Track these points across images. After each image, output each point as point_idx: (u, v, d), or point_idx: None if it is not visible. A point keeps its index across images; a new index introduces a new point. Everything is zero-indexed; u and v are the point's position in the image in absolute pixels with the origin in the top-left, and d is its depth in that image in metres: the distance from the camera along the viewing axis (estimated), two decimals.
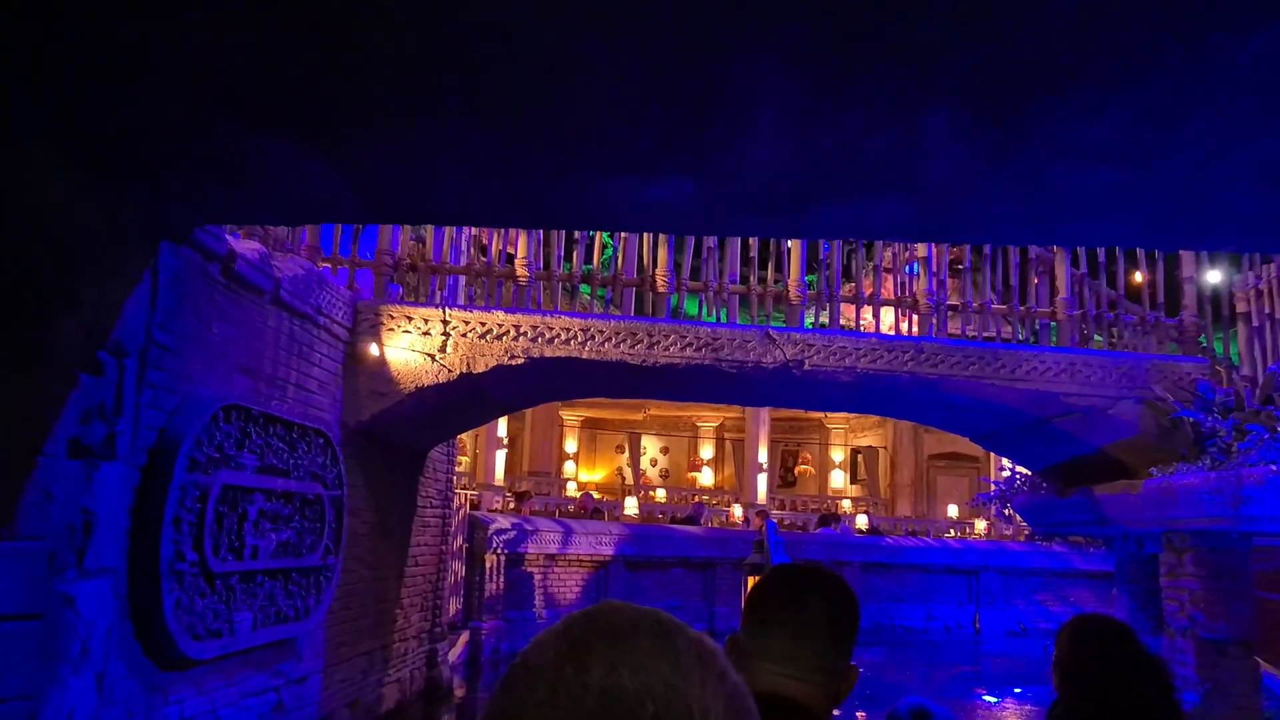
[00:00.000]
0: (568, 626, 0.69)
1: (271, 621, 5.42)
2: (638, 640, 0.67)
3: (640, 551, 14.89)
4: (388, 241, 7.04)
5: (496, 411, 8.39)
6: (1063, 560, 18.86)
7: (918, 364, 7.24)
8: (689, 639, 0.69)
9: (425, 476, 8.98)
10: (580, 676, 0.64)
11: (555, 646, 0.67)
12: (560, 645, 0.67)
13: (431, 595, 9.39)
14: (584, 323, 6.94)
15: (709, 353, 7.03)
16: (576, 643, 0.66)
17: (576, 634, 0.68)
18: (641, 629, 0.68)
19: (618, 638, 0.67)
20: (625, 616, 0.69)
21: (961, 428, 9.12)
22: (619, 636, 0.67)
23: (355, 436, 6.89)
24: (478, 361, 6.85)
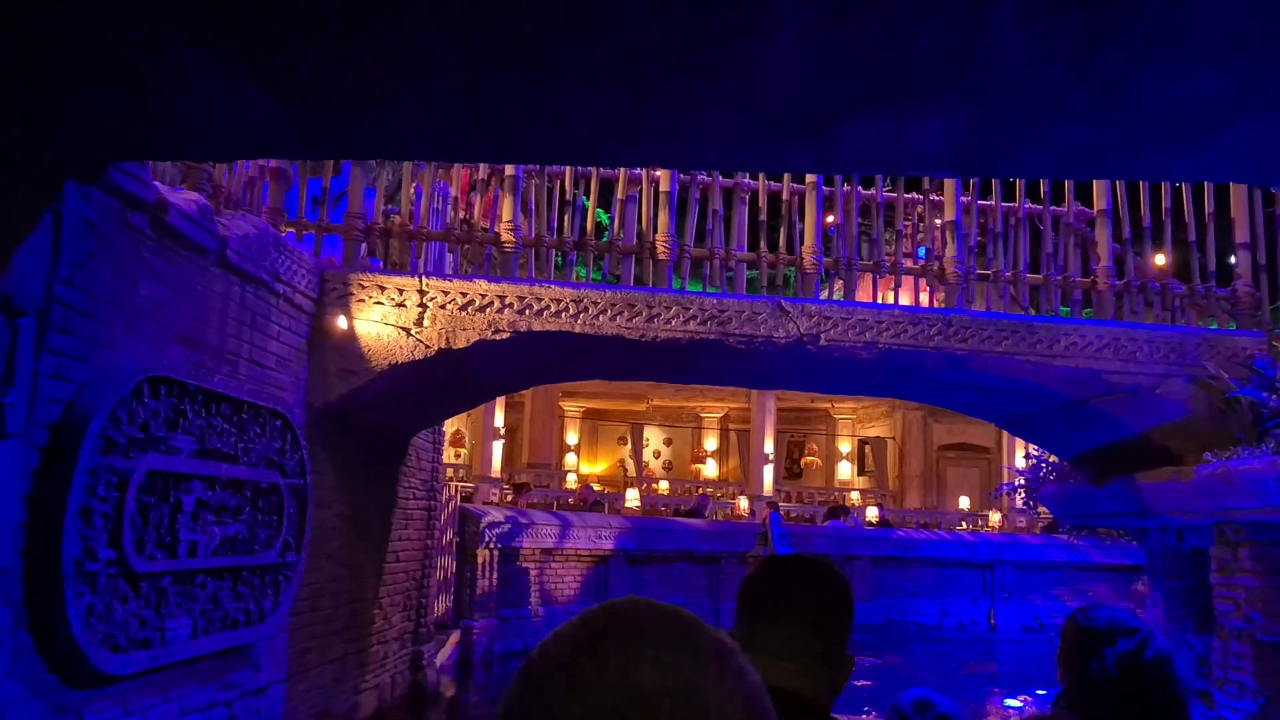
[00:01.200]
0: (587, 620, 0.69)
1: (217, 627, 4.75)
2: (657, 636, 0.68)
3: (642, 545, 14.23)
4: (359, 204, 6.36)
5: (483, 394, 7.71)
6: (1080, 553, 18.15)
7: (945, 338, 6.55)
8: (709, 636, 0.70)
9: (408, 466, 8.31)
10: (598, 671, 0.65)
11: (574, 640, 0.68)
12: (580, 639, 0.68)
13: (416, 593, 8.73)
14: (576, 293, 6.26)
15: (714, 326, 6.35)
16: (596, 637, 0.68)
17: (596, 628, 0.69)
18: (661, 625, 0.69)
19: (637, 633, 0.68)
20: (645, 612, 0.70)
21: (987, 411, 8.43)
22: (638, 632, 0.68)
23: (323, 420, 6.22)
24: (458, 336, 6.17)
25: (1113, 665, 2.29)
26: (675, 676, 0.65)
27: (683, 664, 0.66)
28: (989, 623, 17.94)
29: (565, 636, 0.69)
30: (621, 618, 0.69)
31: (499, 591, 11.80)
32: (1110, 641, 2.30)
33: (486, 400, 8.06)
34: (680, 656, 0.66)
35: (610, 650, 0.66)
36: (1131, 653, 2.27)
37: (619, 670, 0.65)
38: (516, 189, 6.50)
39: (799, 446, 30.24)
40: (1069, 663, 2.38)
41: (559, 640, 0.68)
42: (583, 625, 0.69)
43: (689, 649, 0.67)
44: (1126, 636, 2.30)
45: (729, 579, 15.61)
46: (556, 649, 0.67)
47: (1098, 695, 2.30)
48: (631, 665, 0.65)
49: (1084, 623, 2.39)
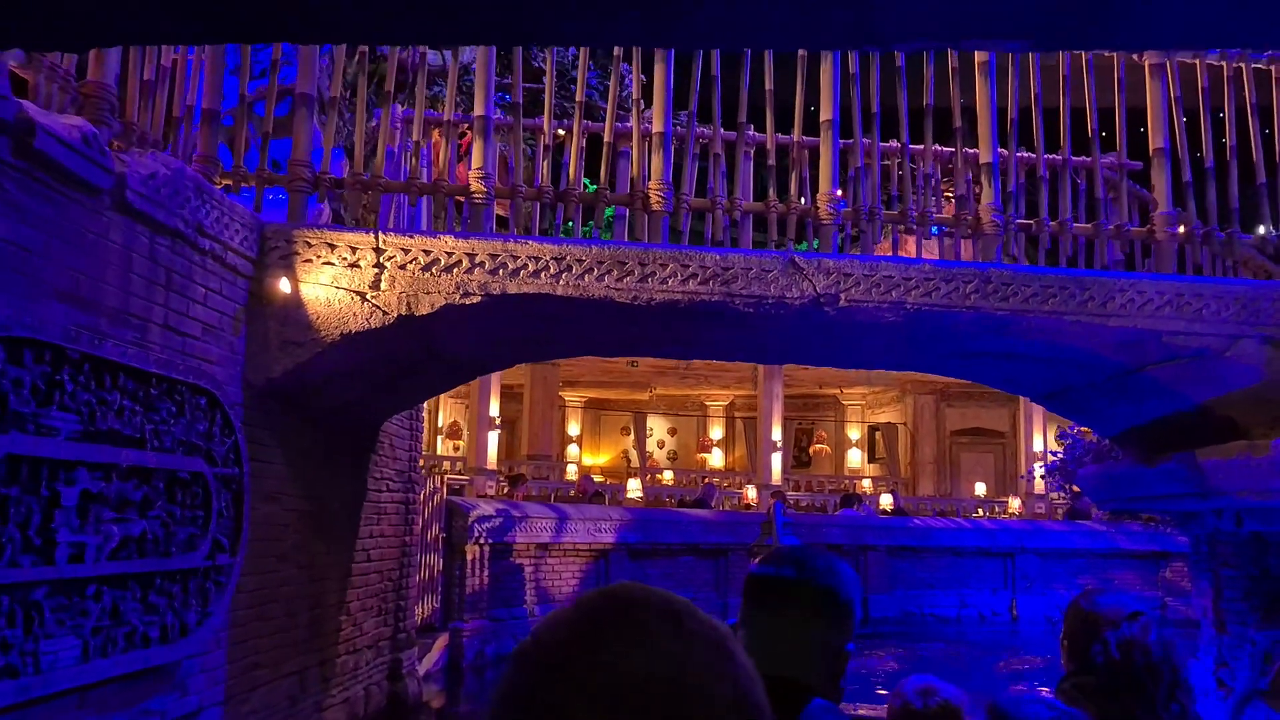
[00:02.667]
0: (580, 606, 0.73)
1: (120, 647, 3.92)
2: (649, 622, 0.71)
3: (645, 538, 13.40)
4: (304, 151, 5.50)
5: (460, 372, 6.87)
6: (1106, 540, 17.35)
7: (983, 297, 5.70)
8: (700, 621, 0.73)
9: (379, 455, 7.48)
10: (592, 656, 0.69)
11: (569, 625, 0.72)
12: (573, 624, 0.72)
13: (393, 596, 7.90)
14: (557, 249, 5.41)
15: (718, 286, 5.50)
16: (589, 622, 0.71)
17: (589, 614, 0.72)
18: (653, 611, 0.72)
19: (630, 619, 0.71)
20: (638, 598, 0.73)
21: (1023, 384, 7.58)
22: (631, 618, 0.71)
23: (267, 400, 5.39)
24: (421, 301, 5.33)
25: (1115, 649, 2.30)
26: (665, 662, 0.68)
27: (674, 650, 0.69)
28: (1011, 614, 17.10)
29: (560, 622, 0.72)
30: (615, 603, 0.72)
31: (491, 590, 10.98)
32: (1113, 625, 2.32)
33: (464, 380, 7.24)
34: (672, 643, 0.69)
35: (604, 635, 0.69)
36: (1134, 636, 2.30)
37: (612, 654, 0.68)
38: (487, 131, 5.65)
39: (807, 434, 29.40)
40: (1072, 647, 2.41)
41: (554, 625, 0.71)
42: (577, 610, 0.72)
43: (680, 635, 0.70)
44: (1129, 620, 2.33)
45: (737, 572, 14.76)
46: (551, 634, 0.71)
47: (1101, 679, 2.30)
48: (625, 650, 0.68)
49: (1087, 607, 2.43)
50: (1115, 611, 2.39)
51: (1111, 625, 2.36)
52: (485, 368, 7.04)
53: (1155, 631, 2.36)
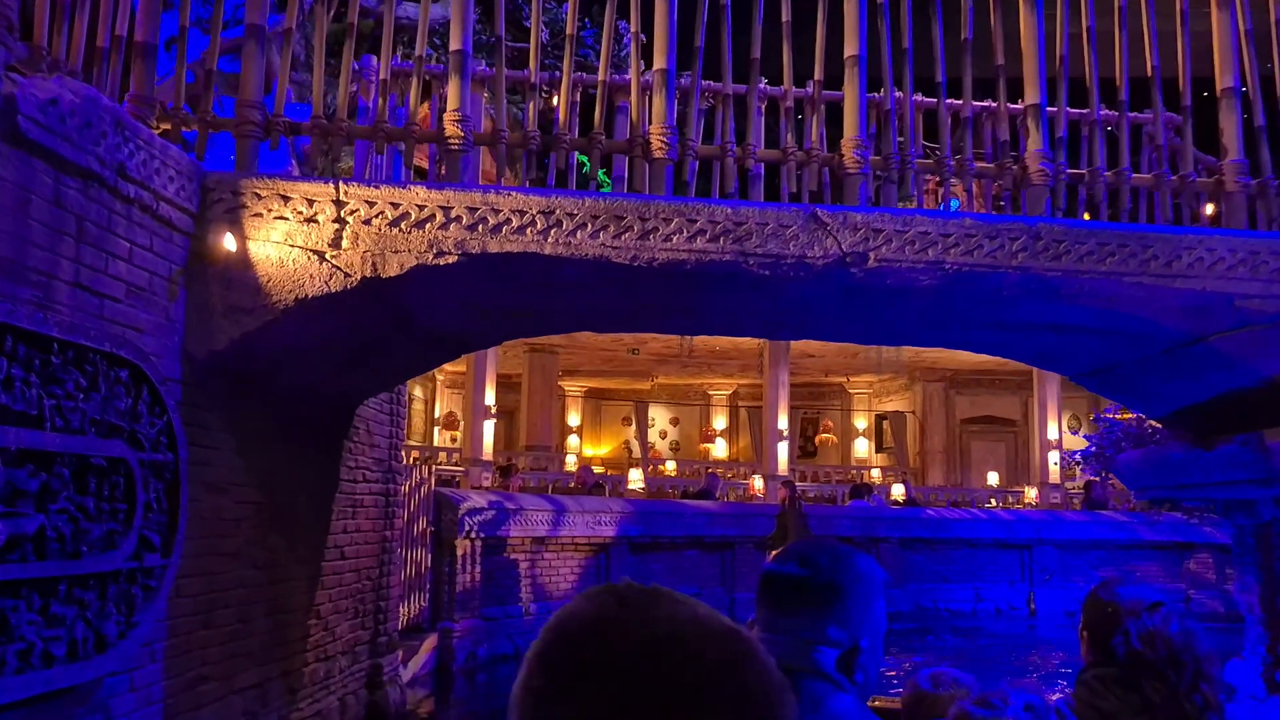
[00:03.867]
0: (589, 594, 0.74)
1: (11, 669, 3.22)
2: (663, 598, 0.73)
3: (647, 531, 12.71)
4: (253, 92, 4.78)
5: (439, 349, 6.16)
6: (1127, 531, 16.67)
7: (1032, 255, 4.99)
8: (710, 610, 0.75)
9: (354, 441, 6.79)
10: (619, 629, 0.69)
11: (600, 599, 0.73)
12: (605, 596, 0.73)
13: (371, 596, 7.22)
14: (545, 202, 4.70)
15: (729, 244, 4.79)
16: (620, 594, 0.73)
17: (604, 599, 0.73)
18: (664, 593, 0.74)
19: (648, 595, 0.73)
20: (646, 586, 0.75)
21: (1064, 360, 6.87)
22: (649, 595, 0.73)
23: (214, 377, 4.69)
24: (388, 261, 4.63)
25: (1137, 639, 2.31)
26: (692, 623, 0.70)
27: (696, 610, 0.72)
28: (1028, 608, 16.42)
29: (591, 595, 0.73)
30: (627, 587, 0.74)
31: (483, 588, 10.30)
32: (1134, 616, 2.35)
33: (447, 358, 6.54)
34: (691, 607, 0.72)
35: (637, 602, 0.71)
36: (1156, 627, 2.32)
37: (639, 623, 0.69)
38: (464, 69, 4.93)
39: (813, 424, 28.72)
40: (1093, 638, 2.42)
41: (572, 616, 0.72)
42: (587, 598, 0.74)
43: (696, 614, 0.72)
44: (1150, 611, 2.36)
45: (744, 566, 14.09)
46: (567, 622, 0.71)
47: (1122, 670, 2.32)
48: (645, 620, 0.70)
49: (1107, 598, 2.42)
50: (1136, 602, 2.38)
51: (1133, 616, 2.35)
52: (469, 344, 6.33)
53: (1177, 622, 2.35)
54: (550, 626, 0.71)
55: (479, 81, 6.67)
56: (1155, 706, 2.28)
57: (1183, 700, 2.27)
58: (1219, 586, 16.65)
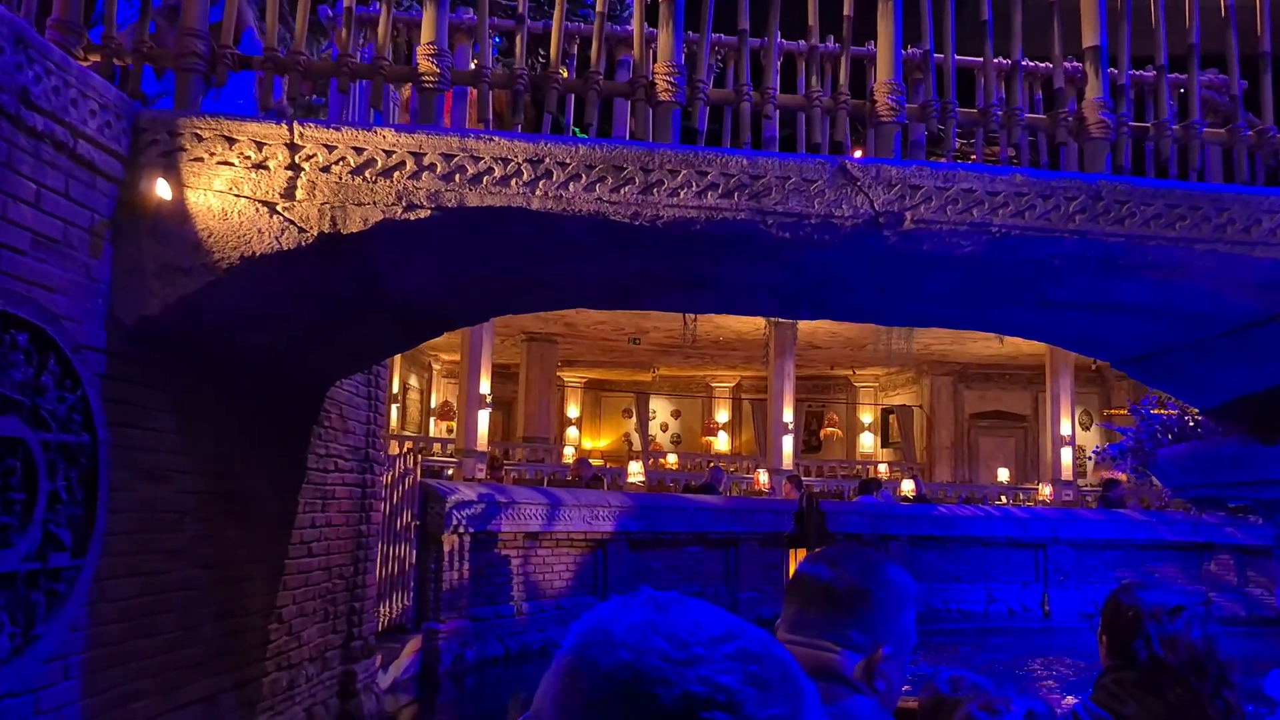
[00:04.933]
0: (614, 600, 0.71)
1: None
2: (687, 599, 0.71)
3: (647, 527, 12.08)
4: (195, 19, 4.14)
5: (415, 323, 5.51)
6: (1146, 530, 16.04)
7: (1091, 218, 4.35)
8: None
9: (326, 427, 6.16)
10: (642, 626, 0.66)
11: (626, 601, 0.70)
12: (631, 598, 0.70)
13: (345, 596, 6.59)
14: (533, 148, 4.06)
15: (745, 200, 4.16)
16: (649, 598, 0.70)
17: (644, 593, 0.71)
18: (674, 597, 0.71)
19: (673, 598, 0.70)
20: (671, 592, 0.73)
21: (1110, 344, 6.23)
22: (673, 597, 0.70)
23: (149, 348, 4.07)
24: (350, 215, 3.99)
25: (1159, 644, 2.28)
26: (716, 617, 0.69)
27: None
28: (1042, 610, 15.78)
29: (620, 600, 0.71)
30: (653, 592, 0.71)
31: (472, 586, 9.67)
32: (1156, 619, 2.30)
33: (426, 335, 5.91)
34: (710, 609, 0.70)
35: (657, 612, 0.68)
36: (1178, 631, 2.28)
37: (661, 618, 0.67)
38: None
39: (817, 417, 28.07)
40: (1112, 642, 2.39)
41: (598, 622, 0.69)
42: (617, 601, 0.71)
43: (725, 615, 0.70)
44: (1172, 615, 2.31)
45: (748, 564, 13.47)
46: (603, 620, 0.68)
47: (1143, 674, 2.28)
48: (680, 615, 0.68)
49: (1127, 601, 2.40)
50: (1158, 606, 2.35)
51: (1154, 619, 2.32)
52: (450, 320, 5.69)
53: (1199, 627, 2.32)
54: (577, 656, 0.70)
55: (464, 31, 6.05)
56: (1177, 712, 2.25)
57: (1205, 706, 2.24)
58: (1240, 589, 16.06)
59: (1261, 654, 12.80)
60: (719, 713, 0.61)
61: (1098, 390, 24.84)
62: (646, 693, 0.61)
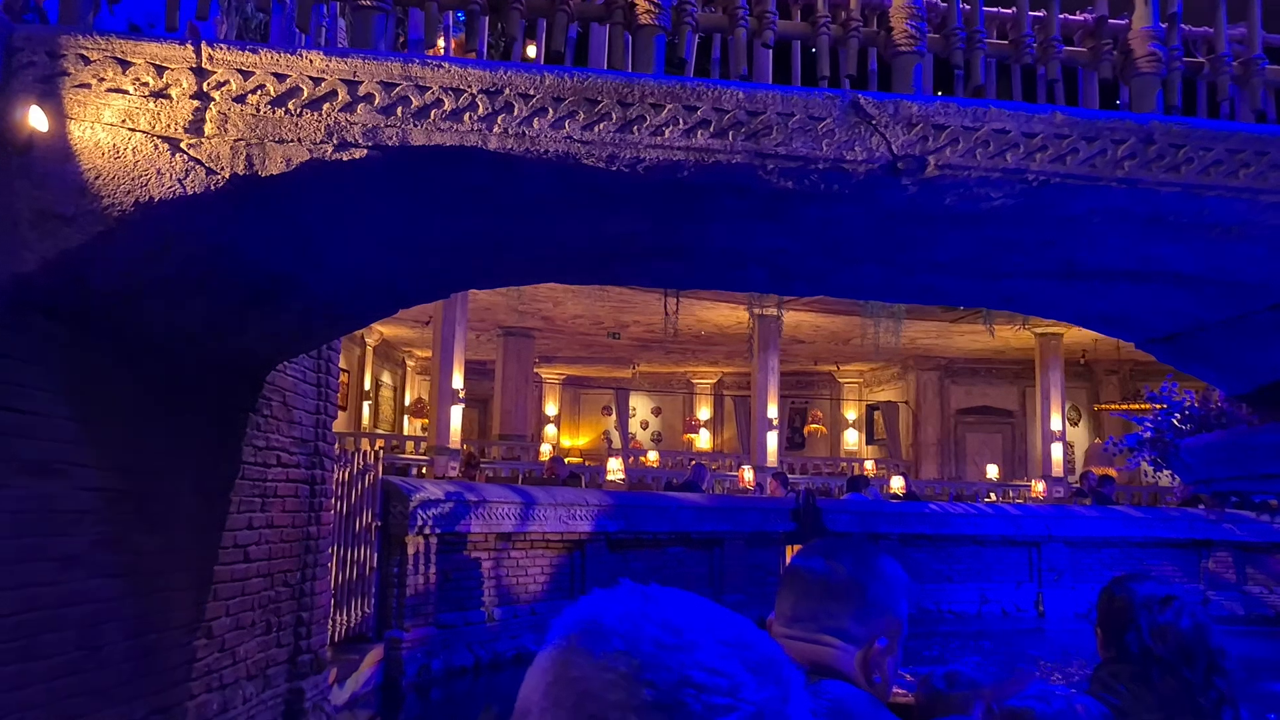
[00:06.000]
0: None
1: None
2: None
3: (627, 526, 11.44)
4: None
5: (361, 299, 4.83)
6: (1142, 527, 15.58)
7: (1142, 165, 3.74)
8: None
9: (266, 416, 5.48)
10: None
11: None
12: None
13: (290, 606, 5.92)
14: (490, 77, 3.41)
15: (741, 140, 3.52)
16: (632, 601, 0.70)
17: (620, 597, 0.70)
18: (657, 588, 0.72)
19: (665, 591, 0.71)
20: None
21: (1137, 322, 5.64)
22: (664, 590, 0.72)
23: (30, 314, 3.40)
24: (270, 154, 3.33)
25: (1149, 634, 2.31)
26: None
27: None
28: (1037, 610, 15.27)
29: (603, 592, 0.71)
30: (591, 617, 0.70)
31: (439, 591, 9.00)
32: (1147, 610, 2.34)
33: (378, 311, 5.25)
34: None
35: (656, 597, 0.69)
36: (1169, 621, 2.31)
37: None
38: None
39: (801, 414, 27.51)
40: (1106, 635, 2.41)
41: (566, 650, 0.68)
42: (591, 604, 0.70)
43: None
44: (1163, 605, 2.35)
45: (733, 565, 12.85)
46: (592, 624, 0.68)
47: (1135, 665, 2.31)
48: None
49: (1120, 593, 2.43)
50: (1149, 596, 2.38)
51: (1145, 609, 2.34)
52: (400, 292, 5.01)
53: (1189, 617, 2.34)
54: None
55: None
56: (1169, 702, 2.26)
57: (1197, 695, 2.26)
58: (1239, 587, 15.63)
59: (1260, 654, 12.36)
60: (719, 697, 0.61)
61: (1086, 385, 24.40)
62: (645, 679, 0.61)
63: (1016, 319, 18.79)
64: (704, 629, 0.65)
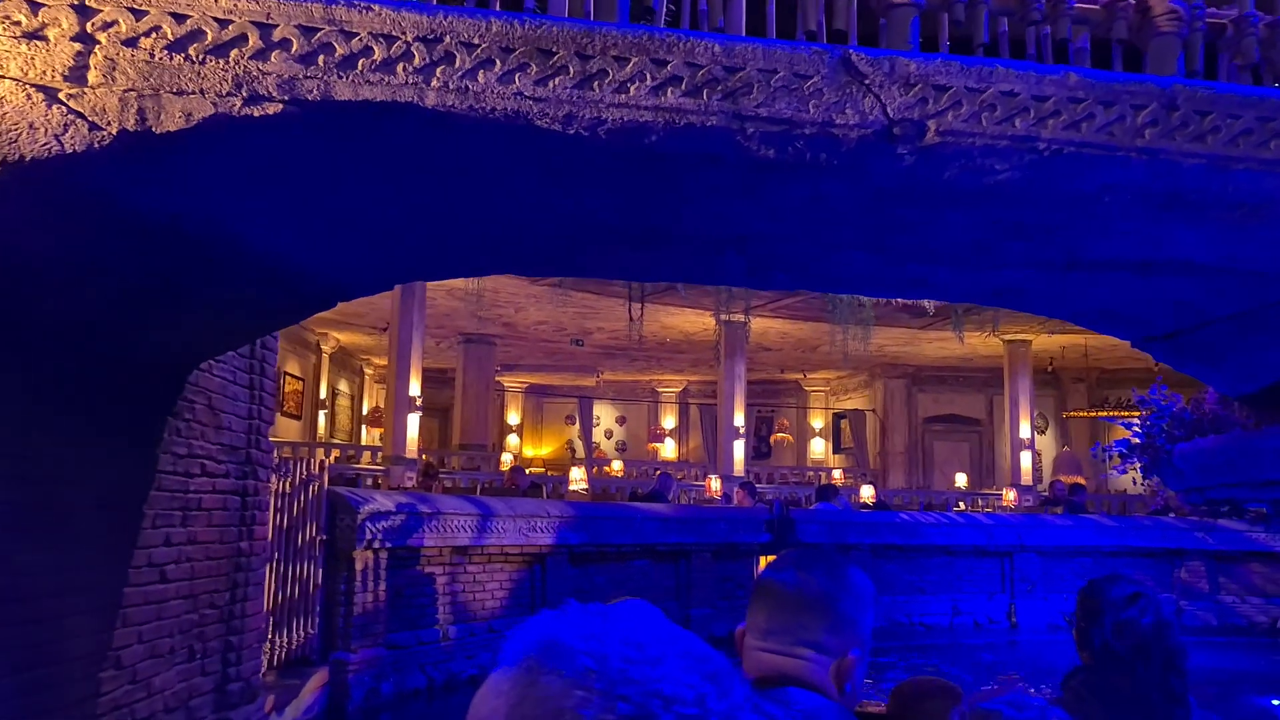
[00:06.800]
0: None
1: None
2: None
3: (590, 539, 10.95)
4: None
5: (289, 289, 4.31)
6: (1114, 536, 15.34)
7: (1165, 133, 3.34)
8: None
9: (188, 420, 4.95)
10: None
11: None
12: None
13: (217, 630, 5.37)
14: (427, 22, 2.94)
15: (718, 100, 3.08)
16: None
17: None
18: (602, 606, 0.75)
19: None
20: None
21: (1137, 318, 5.27)
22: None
23: None
24: (167, 107, 2.83)
25: (1112, 632, 2.35)
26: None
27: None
28: (1009, 621, 14.95)
29: (551, 614, 0.73)
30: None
31: (389, 608, 8.45)
32: (1114, 609, 2.38)
33: (313, 304, 4.74)
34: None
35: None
36: (1130, 618, 2.36)
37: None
38: None
39: (767, 422, 27.21)
40: (1080, 636, 2.48)
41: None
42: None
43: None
44: (1128, 603, 2.39)
45: (700, 578, 12.40)
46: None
47: (1101, 663, 2.34)
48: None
49: (1091, 594, 2.49)
50: (1117, 594, 2.41)
51: (1112, 608, 2.37)
52: (336, 281, 4.50)
53: (1152, 614, 2.36)
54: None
55: None
56: (1124, 696, 2.26)
57: (1151, 690, 2.26)
58: (1212, 597, 15.40)
59: (1239, 666, 12.10)
60: (687, 708, 0.64)
61: (1054, 393, 24.28)
62: (619, 694, 0.63)
63: (986, 325, 18.56)
64: (664, 643, 0.67)
